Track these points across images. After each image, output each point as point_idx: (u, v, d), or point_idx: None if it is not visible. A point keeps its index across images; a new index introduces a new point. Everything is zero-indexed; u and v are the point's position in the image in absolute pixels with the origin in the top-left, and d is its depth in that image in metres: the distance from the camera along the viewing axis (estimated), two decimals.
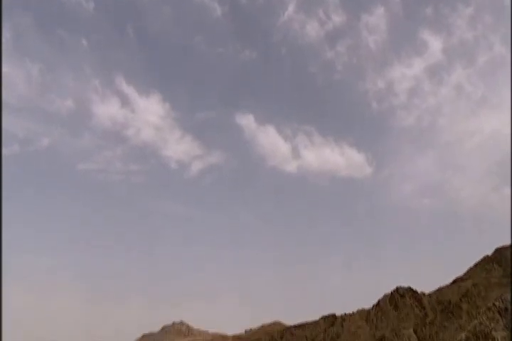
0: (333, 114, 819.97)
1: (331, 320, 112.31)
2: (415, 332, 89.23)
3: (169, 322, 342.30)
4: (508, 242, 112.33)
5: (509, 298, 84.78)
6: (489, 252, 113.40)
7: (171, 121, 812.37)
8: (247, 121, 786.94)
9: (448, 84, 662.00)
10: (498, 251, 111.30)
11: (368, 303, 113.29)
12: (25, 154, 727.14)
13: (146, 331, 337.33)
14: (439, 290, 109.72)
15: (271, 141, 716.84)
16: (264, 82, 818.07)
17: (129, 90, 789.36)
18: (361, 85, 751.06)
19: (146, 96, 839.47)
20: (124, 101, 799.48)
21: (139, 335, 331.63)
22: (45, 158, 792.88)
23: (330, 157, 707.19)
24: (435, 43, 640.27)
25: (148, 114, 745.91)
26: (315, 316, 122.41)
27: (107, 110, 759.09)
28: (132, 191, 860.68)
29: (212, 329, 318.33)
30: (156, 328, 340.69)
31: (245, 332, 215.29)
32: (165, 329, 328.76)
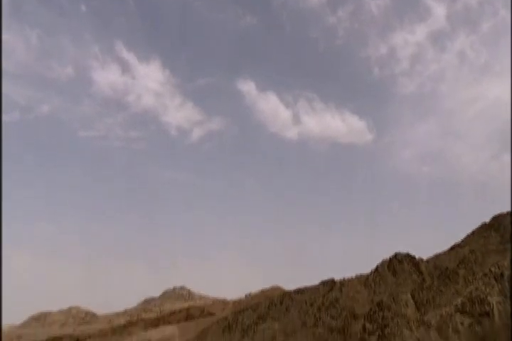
0: (335, 80, 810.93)
1: (330, 284, 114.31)
2: (413, 296, 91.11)
3: (170, 287, 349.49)
4: (506, 209, 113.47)
5: (505, 264, 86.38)
6: (487, 219, 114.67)
7: (171, 88, 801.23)
8: (247, 87, 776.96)
9: (451, 51, 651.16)
10: (496, 218, 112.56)
11: (367, 269, 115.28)
12: (26, 121, 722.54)
13: (148, 296, 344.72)
14: (437, 256, 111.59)
15: (272, 107, 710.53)
16: (265, 48, 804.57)
17: (129, 57, 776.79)
18: (363, 51, 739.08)
19: (146, 62, 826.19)
20: (125, 68, 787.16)
21: (140, 300, 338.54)
22: (46, 125, 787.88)
23: (331, 123, 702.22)
24: (439, 9, 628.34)
25: (148, 81, 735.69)
26: (314, 281, 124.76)
27: (107, 77, 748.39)
28: (133, 157, 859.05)
29: (213, 294, 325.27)
30: (157, 293, 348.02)
31: (245, 296, 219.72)
32: (166, 294, 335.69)
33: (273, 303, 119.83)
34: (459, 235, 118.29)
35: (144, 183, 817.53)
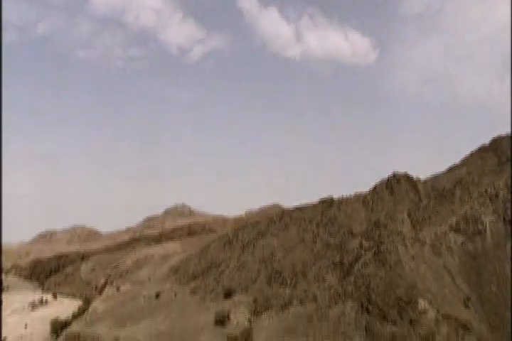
0: None
1: (328, 203, 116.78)
2: (409, 215, 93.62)
3: (172, 204, 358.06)
4: (507, 131, 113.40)
5: (501, 184, 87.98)
6: (487, 141, 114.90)
7: (171, 3, 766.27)
8: (249, 2, 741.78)
9: None
10: (495, 140, 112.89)
11: (366, 188, 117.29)
12: (24, 42, 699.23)
13: (150, 213, 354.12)
14: (435, 177, 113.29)
15: (273, 24, 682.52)
16: None
17: None
18: None
19: None
20: None
21: (142, 218, 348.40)
22: (44, 46, 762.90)
23: (333, 40, 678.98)
24: None
25: None
26: (313, 200, 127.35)
27: None
28: (133, 77, 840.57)
29: (214, 211, 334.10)
30: (159, 210, 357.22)
31: (245, 214, 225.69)
32: (168, 212, 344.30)
33: (272, 220, 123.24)
34: (460, 156, 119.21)
35: (144, 101, 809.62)
